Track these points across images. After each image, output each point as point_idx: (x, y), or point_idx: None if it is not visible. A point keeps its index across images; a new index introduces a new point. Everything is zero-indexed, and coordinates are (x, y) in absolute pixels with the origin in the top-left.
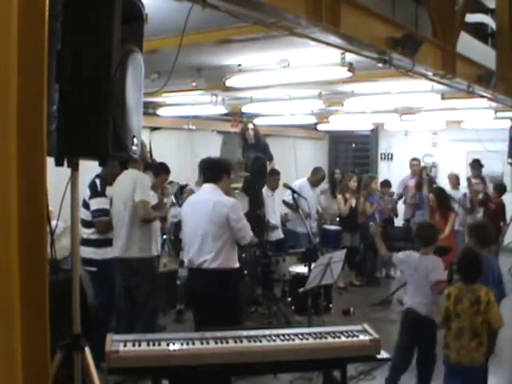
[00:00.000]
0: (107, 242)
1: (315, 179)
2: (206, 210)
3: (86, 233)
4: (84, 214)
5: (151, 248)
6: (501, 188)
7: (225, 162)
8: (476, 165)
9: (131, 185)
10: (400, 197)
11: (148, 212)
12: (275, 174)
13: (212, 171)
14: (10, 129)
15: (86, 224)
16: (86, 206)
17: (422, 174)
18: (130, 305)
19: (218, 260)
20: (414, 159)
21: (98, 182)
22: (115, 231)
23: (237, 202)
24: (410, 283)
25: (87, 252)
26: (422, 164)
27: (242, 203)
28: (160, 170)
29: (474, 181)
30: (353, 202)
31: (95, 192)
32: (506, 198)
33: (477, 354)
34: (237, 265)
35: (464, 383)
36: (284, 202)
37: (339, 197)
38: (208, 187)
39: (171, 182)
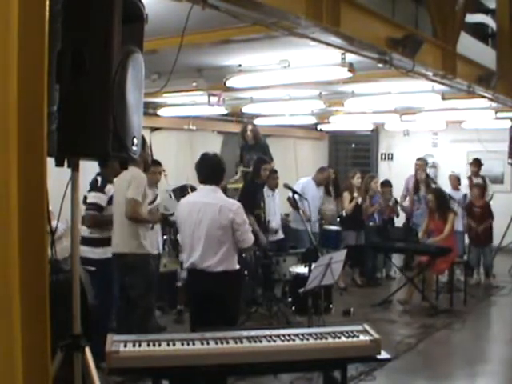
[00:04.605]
0: (106, 242)
1: (321, 178)
2: (210, 214)
3: (86, 231)
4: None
5: (146, 244)
6: (484, 190)
7: (222, 160)
8: (475, 163)
9: (127, 182)
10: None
11: (135, 211)
12: (273, 173)
13: (214, 172)
14: (10, 129)
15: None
16: (85, 201)
17: (418, 175)
18: (124, 303)
19: (223, 264)
20: (419, 159)
21: (99, 179)
22: (114, 227)
23: (240, 204)
24: None
25: (86, 251)
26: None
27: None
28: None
29: (474, 180)
30: (359, 200)
31: (95, 187)
32: (506, 198)
33: None
34: (238, 266)
35: None
36: (289, 199)
37: (345, 194)
38: (208, 189)
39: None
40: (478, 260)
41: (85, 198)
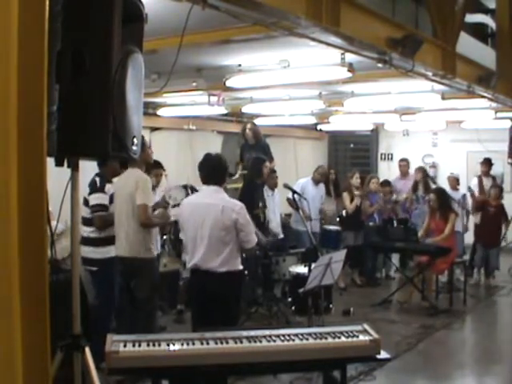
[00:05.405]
0: (107, 241)
1: (317, 176)
2: (213, 215)
3: (86, 231)
4: (84, 211)
5: (153, 249)
6: (500, 190)
7: (225, 160)
8: (486, 163)
9: (134, 186)
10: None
11: (147, 217)
12: (272, 172)
13: (216, 172)
14: (10, 129)
15: (87, 222)
16: (86, 203)
17: (417, 175)
18: (127, 305)
19: (226, 264)
20: (402, 160)
21: (97, 179)
22: (116, 229)
23: (243, 205)
24: None
25: (87, 251)
26: (422, 165)
27: None
28: (152, 167)
29: (485, 180)
30: (359, 201)
31: (95, 188)
32: (506, 198)
33: None
34: (241, 266)
35: None
36: (288, 199)
37: (344, 194)
38: (211, 189)
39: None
40: (482, 260)
41: (85, 200)
